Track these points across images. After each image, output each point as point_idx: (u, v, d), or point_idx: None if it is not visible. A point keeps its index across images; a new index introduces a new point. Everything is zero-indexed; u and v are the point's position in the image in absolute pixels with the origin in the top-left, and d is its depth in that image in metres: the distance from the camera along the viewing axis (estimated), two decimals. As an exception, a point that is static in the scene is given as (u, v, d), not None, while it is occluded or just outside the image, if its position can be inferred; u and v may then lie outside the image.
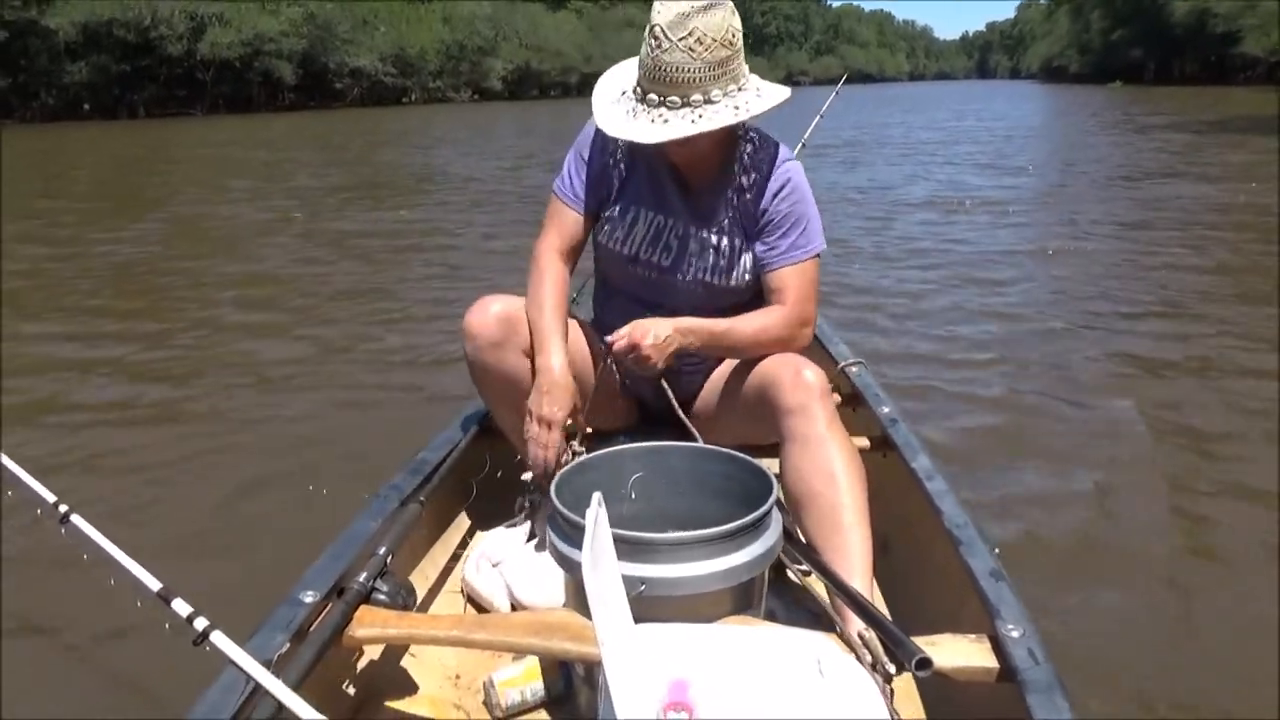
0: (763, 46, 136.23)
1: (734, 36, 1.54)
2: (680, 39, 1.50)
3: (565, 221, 1.80)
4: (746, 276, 1.76)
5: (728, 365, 1.79)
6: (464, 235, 7.81)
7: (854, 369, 2.23)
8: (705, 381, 1.85)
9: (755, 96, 1.58)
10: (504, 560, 1.72)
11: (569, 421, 1.62)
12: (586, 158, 1.79)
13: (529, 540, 1.75)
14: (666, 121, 1.54)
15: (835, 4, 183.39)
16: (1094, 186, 9.88)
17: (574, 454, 1.58)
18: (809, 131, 3.31)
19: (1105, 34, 70.78)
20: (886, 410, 1.99)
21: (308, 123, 31.20)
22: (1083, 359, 4.04)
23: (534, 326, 1.70)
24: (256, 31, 42.74)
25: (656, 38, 1.52)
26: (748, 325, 1.70)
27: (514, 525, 1.80)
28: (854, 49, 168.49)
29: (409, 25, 53.16)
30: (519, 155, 15.74)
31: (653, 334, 1.63)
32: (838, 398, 2.06)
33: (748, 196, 1.73)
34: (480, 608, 1.74)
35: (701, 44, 1.51)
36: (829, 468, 1.50)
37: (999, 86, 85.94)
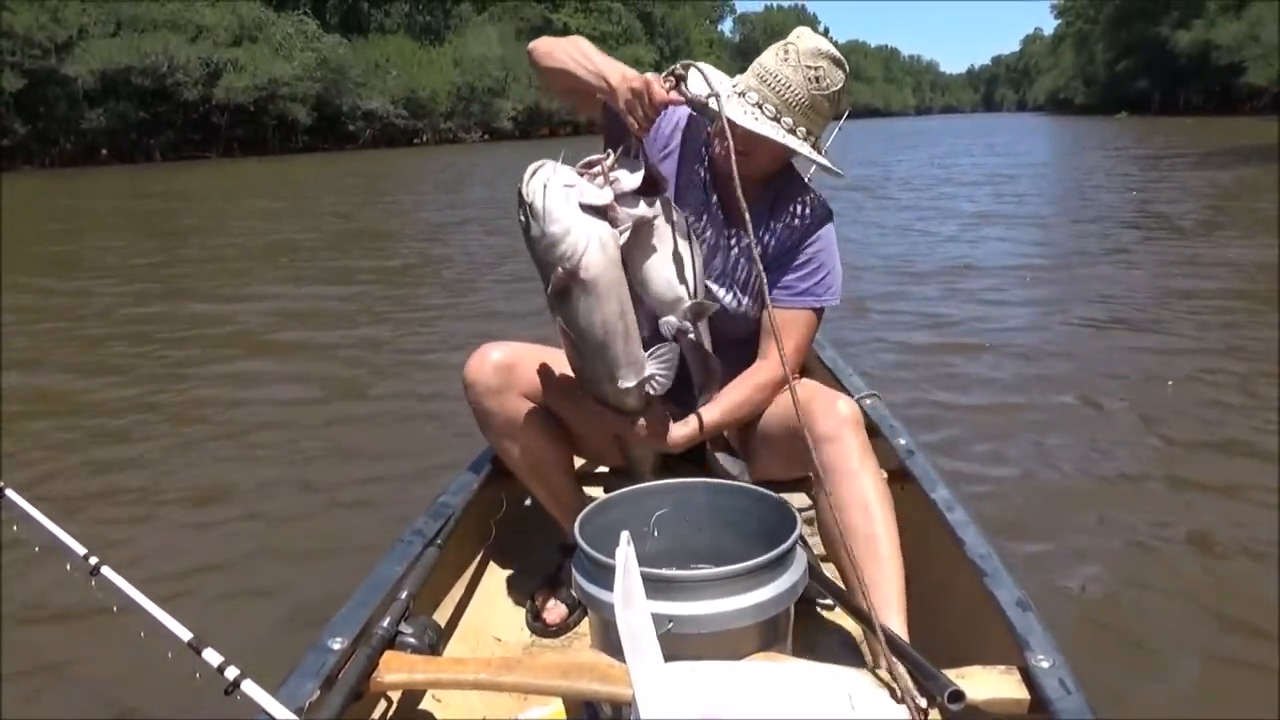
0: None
1: (837, 102, 1.63)
2: (807, 65, 1.58)
3: None
4: (754, 308, 1.75)
5: None
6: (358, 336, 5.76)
7: (869, 401, 2.23)
8: None
9: (824, 153, 1.67)
10: (577, 183, 1.51)
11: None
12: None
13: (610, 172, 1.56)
14: (757, 120, 1.58)
15: (842, 40, 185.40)
16: (1113, 238, 8.46)
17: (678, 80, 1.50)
18: (810, 172, 3.27)
19: (1110, 65, 71.28)
20: (903, 442, 1.99)
21: (300, 167, 30.91)
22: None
23: (574, 61, 1.58)
24: (271, 76, 43.54)
25: (788, 52, 1.59)
26: (724, 406, 1.66)
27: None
28: (861, 85, 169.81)
29: (420, 68, 54.10)
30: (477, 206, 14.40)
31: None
32: None
33: (781, 227, 1.74)
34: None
35: (818, 82, 1.58)
36: (864, 500, 1.51)
37: (1006, 119, 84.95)
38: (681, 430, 1.64)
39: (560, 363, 1.81)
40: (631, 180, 1.49)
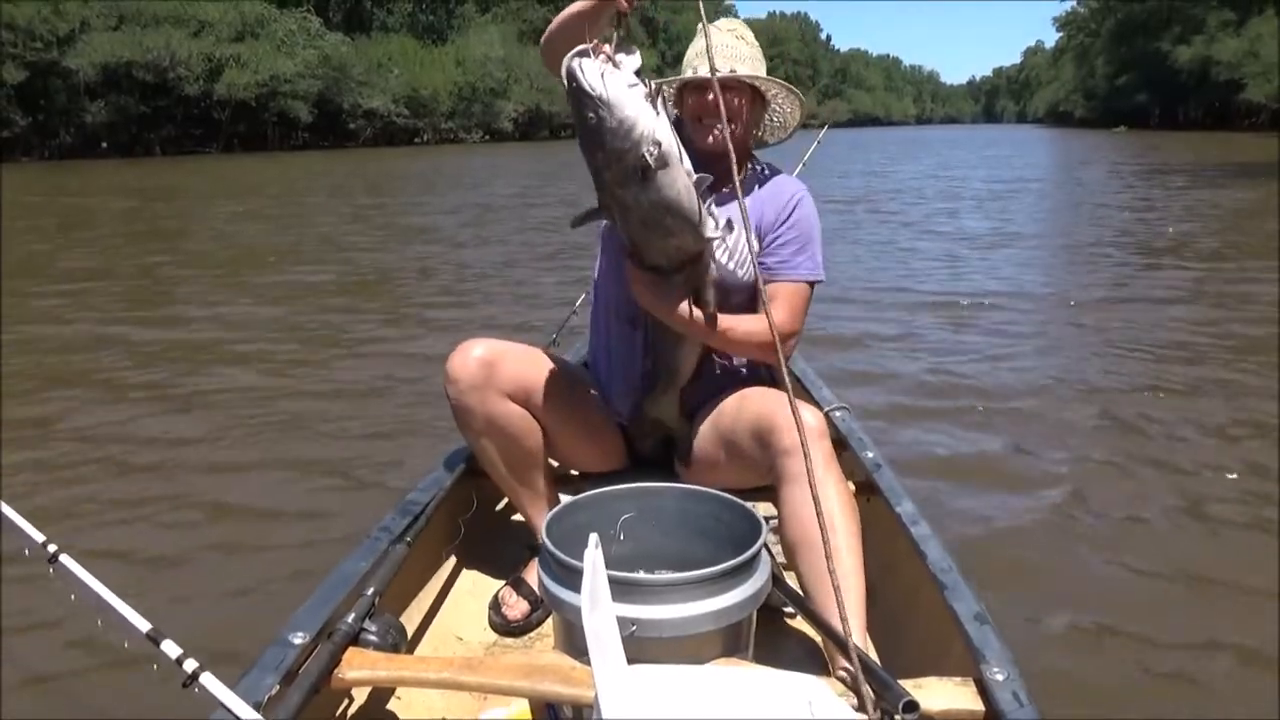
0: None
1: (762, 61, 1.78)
2: (728, 29, 1.75)
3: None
4: (749, 275, 1.73)
5: (719, 407, 1.79)
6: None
7: (838, 414, 2.24)
8: (696, 425, 1.85)
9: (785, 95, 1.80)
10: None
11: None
12: None
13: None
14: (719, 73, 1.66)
15: (843, 49, 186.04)
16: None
17: None
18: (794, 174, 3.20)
19: (1110, 79, 71.54)
20: (871, 455, 2.00)
21: (299, 164, 30.35)
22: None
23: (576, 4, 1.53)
24: (273, 73, 43.51)
25: (706, 31, 1.66)
26: (740, 324, 1.70)
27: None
28: (861, 93, 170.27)
29: (422, 68, 54.06)
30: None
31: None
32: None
33: (763, 206, 1.78)
34: None
35: (745, 40, 1.76)
36: (827, 509, 1.47)
37: (1006, 131, 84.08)
38: (696, 314, 1.63)
39: (541, 363, 1.83)
40: (633, 61, 1.46)
